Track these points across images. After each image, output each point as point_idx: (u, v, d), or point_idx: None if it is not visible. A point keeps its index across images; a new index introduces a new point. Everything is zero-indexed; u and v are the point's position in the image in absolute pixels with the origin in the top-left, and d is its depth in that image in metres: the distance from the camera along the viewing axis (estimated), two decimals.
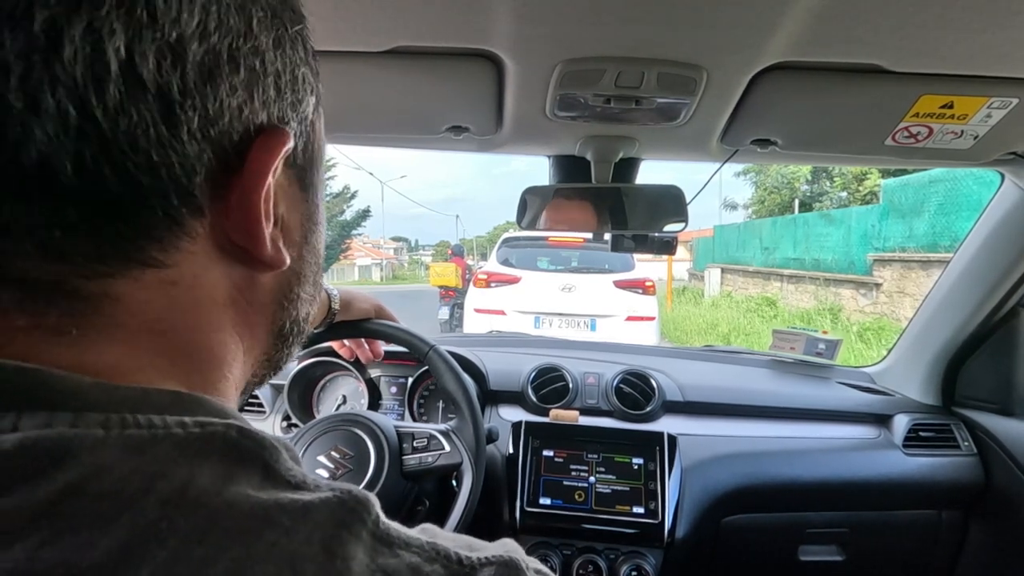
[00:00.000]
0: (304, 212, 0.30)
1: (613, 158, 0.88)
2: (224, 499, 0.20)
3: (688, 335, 8.19)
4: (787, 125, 0.78)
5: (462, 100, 0.74)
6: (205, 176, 0.23)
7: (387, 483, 0.77)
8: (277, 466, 0.23)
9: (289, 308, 0.31)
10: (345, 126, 0.84)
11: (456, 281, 7.12)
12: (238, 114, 0.23)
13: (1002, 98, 0.68)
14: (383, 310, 0.89)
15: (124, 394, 0.21)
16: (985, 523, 1.14)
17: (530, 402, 1.17)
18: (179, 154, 0.21)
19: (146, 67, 0.20)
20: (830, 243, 8.88)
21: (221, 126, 0.23)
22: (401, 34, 0.60)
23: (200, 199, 0.23)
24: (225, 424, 0.22)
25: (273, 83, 0.25)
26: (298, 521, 0.21)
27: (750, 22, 0.55)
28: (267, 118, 0.25)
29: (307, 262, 0.31)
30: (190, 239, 0.23)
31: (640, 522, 0.97)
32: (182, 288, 0.24)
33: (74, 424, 0.19)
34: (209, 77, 0.22)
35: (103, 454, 0.19)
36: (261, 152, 0.24)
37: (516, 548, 0.28)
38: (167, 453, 0.20)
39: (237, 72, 0.23)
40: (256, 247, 0.26)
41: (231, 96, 0.23)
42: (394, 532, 0.24)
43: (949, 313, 1.17)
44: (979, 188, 5.94)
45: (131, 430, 0.20)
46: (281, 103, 0.26)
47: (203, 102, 0.22)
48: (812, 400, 1.23)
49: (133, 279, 0.22)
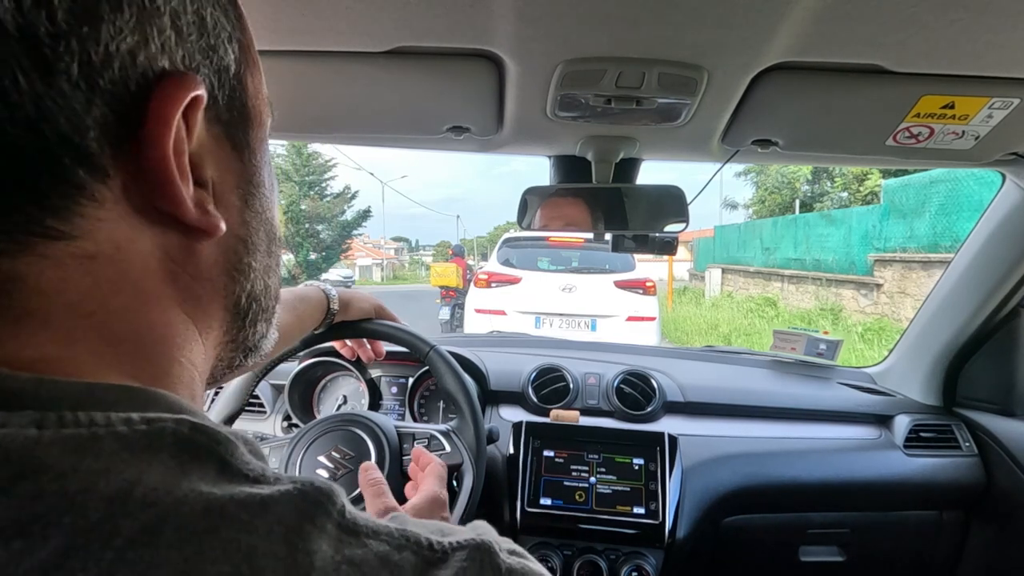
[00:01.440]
0: (240, 173, 0.28)
1: (614, 158, 0.88)
2: (175, 497, 0.19)
3: (689, 335, 8.18)
4: (788, 125, 0.78)
5: (463, 100, 0.74)
6: (101, 132, 0.21)
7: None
8: (233, 460, 0.22)
9: (241, 280, 0.29)
10: (345, 126, 0.84)
11: (457, 281, 7.12)
12: (130, 60, 0.21)
13: (1003, 98, 0.68)
14: (383, 310, 0.89)
15: (65, 390, 0.20)
16: (986, 524, 1.14)
17: (531, 402, 1.17)
18: (61, 107, 0.19)
19: (5, 10, 0.18)
20: (831, 243, 8.87)
21: (111, 74, 0.20)
22: (402, 34, 0.60)
23: (99, 158, 0.21)
24: (176, 419, 0.21)
25: (171, 23, 0.23)
26: (256, 516, 0.20)
27: (751, 22, 0.55)
28: (168, 63, 0.23)
29: (253, 228, 0.29)
30: (96, 204, 0.21)
31: (641, 522, 0.97)
32: (102, 262, 0.22)
33: (3, 424, 0.18)
34: (85, 17, 0.19)
35: (37, 453, 0.18)
36: (162, 101, 0.22)
37: (489, 530, 0.27)
38: (111, 451, 0.19)
39: (120, 10, 0.20)
40: (177, 209, 0.23)
41: (117, 38, 0.20)
42: (361, 521, 0.23)
43: (950, 313, 1.17)
44: (980, 188, 5.94)
45: (69, 429, 0.19)
46: (185, 47, 0.23)
47: (82, 46, 0.19)
48: (813, 400, 1.23)
49: (38, 255, 0.20)
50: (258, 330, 0.32)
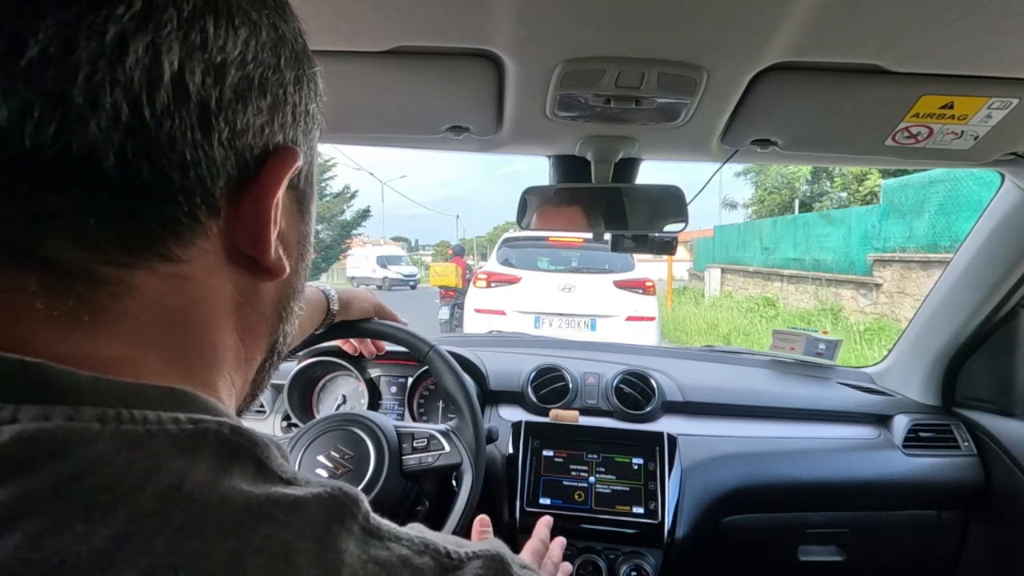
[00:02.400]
0: (300, 232, 0.33)
1: (613, 158, 0.88)
2: (219, 493, 0.21)
3: (688, 335, 8.18)
4: (787, 125, 0.78)
5: (462, 100, 0.74)
6: (226, 181, 0.25)
7: (387, 483, 0.77)
8: (269, 462, 0.24)
9: (286, 320, 0.34)
10: (345, 126, 0.84)
11: (456, 281, 7.12)
12: (260, 131, 0.27)
13: (1002, 98, 0.68)
14: (383, 309, 0.90)
15: (119, 389, 0.22)
16: (985, 523, 1.14)
17: (530, 402, 1.17)
18: (208, 158, 0.24)
19: (192, 81, 0.23)
20: (830, 243, 8.88)
21: (245, 139, 0.26)
22: (401, 34, 0.60)
23: (219, 200, 0.25)
24: (218, 421, 0.23)
25: (291, 111, 0.29)
26: (291, 515, 0.22)
27: (750, 22, 0.55)
28: (283, 139, 0.28)
29: (300, 278, 0.34)
30: (205, 237, 0.26)
31: (640, 522, 0.97)
32: (194, 283, 0.26)
33: (71, 417, 0.20)
34: (241, 97, 0.25)
35: (99, 447, 0.20)
36: (275, 165, 0.27)
37: (502, 545, 0.29)
38: (162, 448, 0.21)
39: (264, 97, 0.27)
40: (262, 252, 0.28)
41: (257, 116, 0.26)
42: (384, 526, 0.25)
43: (949, 313, 1.17)
44: (979, 188, 5.94)
45: (126, 425, 0.21)
46: (295, 130, 0.29)
47: (234, 117, 0.25)
48: (812, 400, 1.23)
49: (152, 271, 0.24)
50: (273, 371, 0.36)
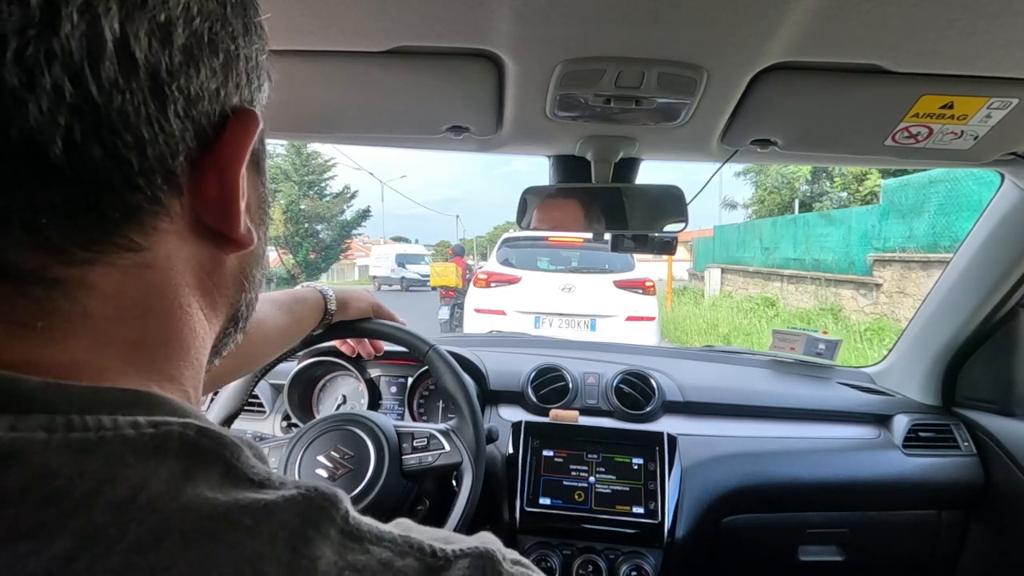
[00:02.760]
0: (260, 195, 0.30)
1: (613, 158, 0.88)
2: (180, 502, 0.19)
3: (688, 335, 8.18)
4: (787, 125, 0.78)
5: (462, 100, 0.74)
6: (185, 155, 0.23)
7: (387, 483, 0.77)
8: (238, 464, 0.22)
9: (248, 290, 0.31)
10: (345, 126, 0.84)
11: (457, 281, 7.11)
12: (215, 96, 0.24)
13: (1002, 98, 0.68)
14: (381, 309, 0.90)
15: (74, 394, 0.20)
16: (985, 523, 1.14)
17: (530, 402, 1.17)
18: (165, 132, 0.22)
19: (138, 46, 0.20)
20: (830, 243, 8.88)
21: (201, 106, 0.23)
22: (401, 34, 0.60)
23: (180, 178, 0.23)
24: (183, 423, 0.21)
25: (244, 68, 0.26)
26: (260, 521, 0.20)
27: (750, 22, 0.55)
28: (239, 101, 0.26)
29: (263, 244, 0.32)
30: (168, 220, 0.23)
31: (640, 522, 0.97)
32: (156, 271, 0.24)
33: (14, 427, 0.18)
34: (192, 59, 0.22)
35: (46, 458, 0.18)
36: (238, 133, 0.25)
37: (493, 540, 0.27)
38: (117, 455, 0.19)
39: (216, 56, 0.24)
40: (231, 226, 0.26)
41: (211, 78, 0.23)
42: (365, 527, 0.23)
43: (949, 313, 1.17)
44: (979, 188, 5.94)
45: (76, 433, 0.19)
46: (249, 88, 0.27)
47: (187, 82, 0.22)
48: (812, 400, 1.23)
49: (111, 264, 0.22)
50: (236, 336, 0.33)
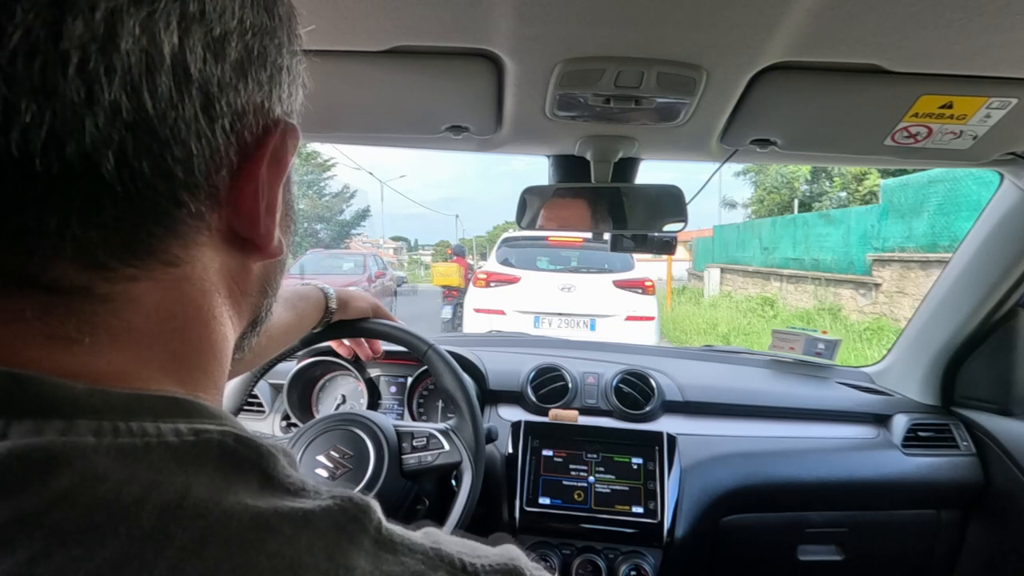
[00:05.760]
0: (288, 204, 0.30)
1: (613, 158, 0.88)
2: (222, 509, 0.20)
3: (688, 335, 8.18)
4: (787, 125, 0.78)
5: (462, 100, 0.74)
6: (228, 169, 0.23)
7: (386, 482, 0.77)
8: (275, 473, 0.23)
9: (270, 295, 0.31)
10: (345, 126, 0.84)
11: (459, 281, 7.11)
12: (260, 109, 0.24)
13: (1001, 98, 0.68)
14: (380, 308, 0.90)
15: (117, 400, 0.21)
16: (984, 523, 1.14)
17: (530, 402, 1.17)
18: (211, 148, 0.22)
19: (194, 61, 0.20)
20: (830, 243, 8.88)
21: (247, 120, 0.23)
22: (401, 34, 0.60)
23: (222, 192, 0.23)
24: (221, 431, 0.22)
25: (286, 80, 0.26)
26: (299, 530, 0.21)
27: (750, 22, 0.55)
28: (280, 112, 0.26)
29: (286, 252, 0.32)
30: (208, 234, 0.23)
31: (639, 522, 0.97)
32: (193, 282, 0.24)
33: (65, 432, 0.19)
34: (242, 73, 0.22)
35: (95, 462, 0.18)
36: (280, 147, 0.25)
37: (520, 555, 0.28)
38: (162, 461, 0.20)
39: (264, 68, 0.23)
40: (265, 237, 0.26)
41: (257, 92, 0.23)
42: (397, 537, 0.23)
43: (948, 313, 1.17)
44: (979, 188, 5.95)
45: (123, 438, 0.19)
46: (289, 100, 0.26)
47: (235, 97, 0.22)
48: (811, 400, 1.23)
49: (153, 280, 0.22)
50: (253, 339, 0.33)
